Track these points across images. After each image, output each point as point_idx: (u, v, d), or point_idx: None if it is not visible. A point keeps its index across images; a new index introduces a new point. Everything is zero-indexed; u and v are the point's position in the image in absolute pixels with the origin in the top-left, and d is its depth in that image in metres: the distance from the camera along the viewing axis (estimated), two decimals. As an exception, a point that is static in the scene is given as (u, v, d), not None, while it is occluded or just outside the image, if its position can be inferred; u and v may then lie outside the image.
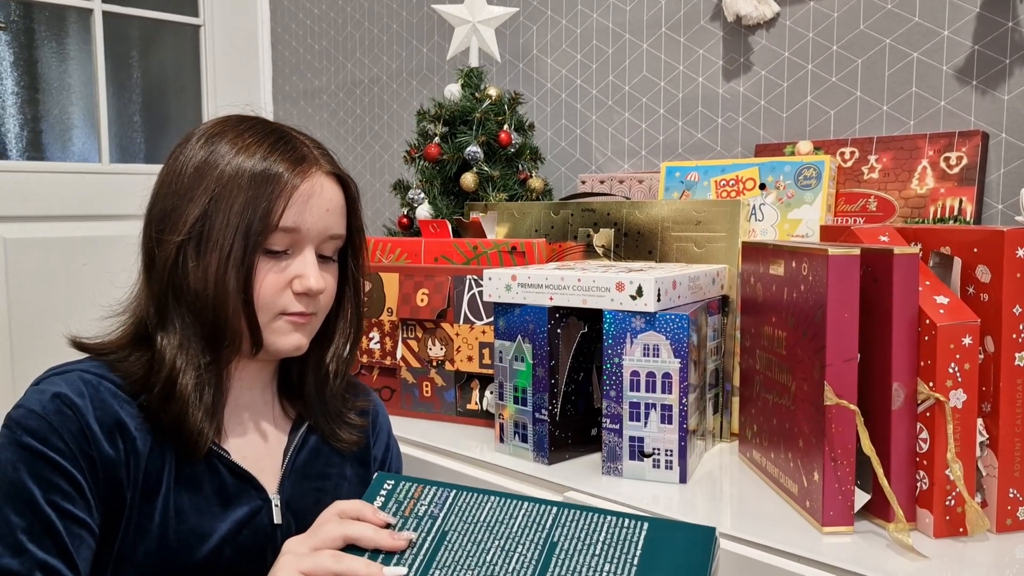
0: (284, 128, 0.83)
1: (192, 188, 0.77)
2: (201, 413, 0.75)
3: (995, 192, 1.19)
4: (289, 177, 0.77)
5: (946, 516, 0.77)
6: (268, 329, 0.79)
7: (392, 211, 2.15)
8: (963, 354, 0.77)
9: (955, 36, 1.22)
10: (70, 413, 0.71)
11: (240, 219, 0.75)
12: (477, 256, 1.24)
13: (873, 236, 0.89)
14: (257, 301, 0.77)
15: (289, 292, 0.79)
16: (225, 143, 0.78)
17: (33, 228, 2.11)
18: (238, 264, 0.75)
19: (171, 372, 0.75)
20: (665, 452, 0.93)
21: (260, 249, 0.76)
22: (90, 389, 0.74)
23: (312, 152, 0.81)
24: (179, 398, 0.74)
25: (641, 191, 1.46)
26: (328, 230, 0.81)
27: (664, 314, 0.91)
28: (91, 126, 2.29)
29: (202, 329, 0.76)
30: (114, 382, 0.75)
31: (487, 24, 1.57)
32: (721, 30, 1.49)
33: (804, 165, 1.18)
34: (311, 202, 0.78)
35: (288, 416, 0.88)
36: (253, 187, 0.76)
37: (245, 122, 0.81)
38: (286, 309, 0.79)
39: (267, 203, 0.76)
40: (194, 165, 0.78)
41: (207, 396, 0.76)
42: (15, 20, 2.17)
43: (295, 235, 0.78)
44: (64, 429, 0.71)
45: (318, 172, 0.80)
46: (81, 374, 0.75)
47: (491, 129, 1.47)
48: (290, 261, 0.79)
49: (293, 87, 2.45)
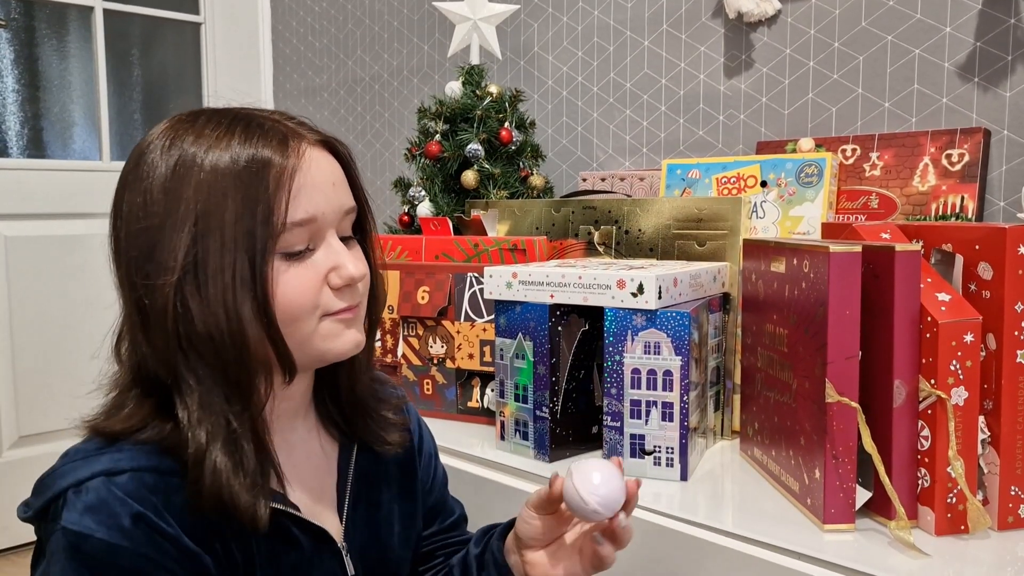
0: (246, 110, 0.69)
1: (169, 213, 0.62)
2: (247, 482, 0.62)
3: (997, 189, 1.19)
4: (280, 161, 0.64)
5: (947, 514, 0.77)
6: (316, 337, 0.66)
7: (393, 209, 2.15)
8: (965, 351, 0.76)
9: (957, 33, 1.22)
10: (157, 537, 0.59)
11: (237, 230, 0.62)
12: (478, 254, 1.24)
13: (875, 233, 0.88)
14: (287, 313, 0.64)
15: (327, 290, 0.66)
16: (188, 145, 0.64)
17: (34, 226, 2.11)
18: (248, 283, 0.62)
19: (197, 445, 0.61)
20: (666, 450, 0.92)
21: (272, 256, 0.63)
22: (158, 494, 0.61)
23: (290, 126, 0.68)
24: (213, 471, 0.61)
25: (642, 189, 1.46)
26: (342, 206, 0.68)
27: (665, 312, 0.91)
28: (92, 124, 2.29)
29: (224, 376, 0.63)
30: (172, 469, 0.62)
31: (488, 21, 1.57)
32: (722, 27, 1.49)
33: (805, 162, 1.18)
34: (315, 182, 0.66)
35: (335, 439, 0.76)
36: (242, 187, 0.63)
37: (199, 116, 0.67)
38: (329, 309, 0.66)
39: (265, 201, 0.63)
40: (161, 184, 0.63)
41: (247, 458, 0.63)
42: (16, 18, 2.17)
43: (312, 226, 0.65)
44: (161, 553, 0.60)
45: (308, 146, 0.67)
46: (141, 475, 0.61)
47: (492, 127, 1.47)
48: (315, 255, 0.66)
49: (294, 85, 2.45)
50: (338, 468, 0.75)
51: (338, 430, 0.76)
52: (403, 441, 0.78)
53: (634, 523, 0.85)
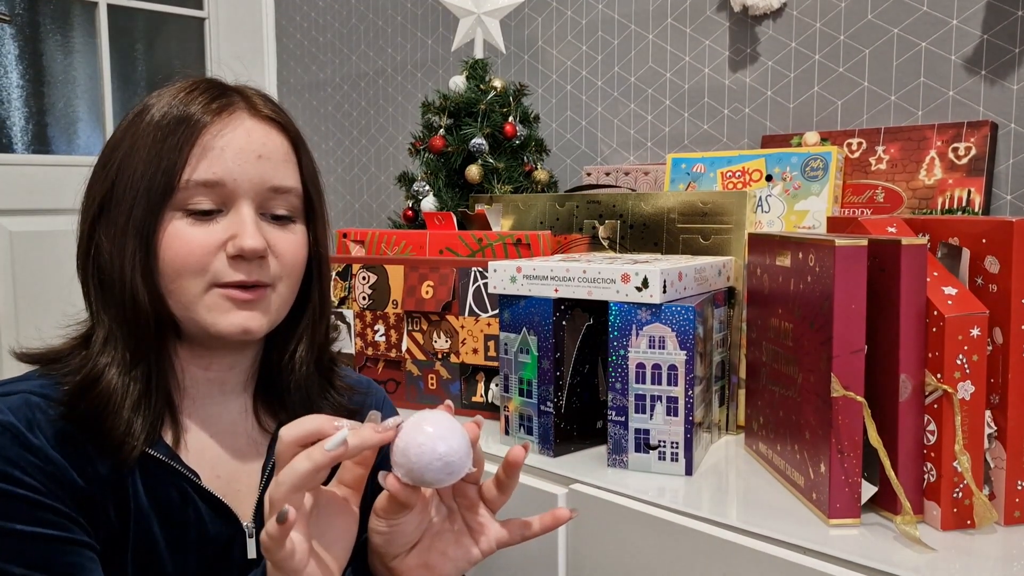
0: (222, 80, 0.71)
1: (108, 155, 0.68)
2: (128, 403, 0.64)
3: (1004, 183, 1.18)
4: (200, 118, 0.65)
5: (954, 508, 0.77)
6: (200, 305, 0.66)
7: (397, 203, 2.14)
8: (971, 345, 0.76)
9: (964, 25, 1.21)
10: (22, 445, 0.62)
11: (143, 176, 0.64)
12: (482, 248, 1.24)
13: (881, 227, 0.88)
14: (171, 268, 0.65)
15: (222, 257, 0.66)
16: (152, 100, 0.68)
17: (38, 221, 2.11)
18: (138, 227, 0.64)
19: (93, 368, 0.65)
20: (671, 444, 0.92)
21: (167, 208, 0.65)
22: (37, 412, 0.64)
23: (241, 94, 0.69)
24: (101, 393, 0.64)
25: (647, 183, 1.45)
26: (266, 181, 0.67)
27: (670, 306, 0.91)
28: (96, 119, 2.29)
29: (119, 312, 0.66)
30: (61, 400, 0.65)
31: (492, 15, 1.56)
32: (727, 20, 1.48)
33: (811, 156, 1.17)
34: (232, 147, 0.66)
35: (267, 428, 0.76)
36: (159, 137, 0.65)
37: (182, 78, 0.70)
38: (219, 278, 0.66)
39: (173, 153, 0.64)
40: (119, 133, 0.68)
41: (136, 385, 0.65)
42: (20, 13, 2.17)
43: (221, 189, 0.66)
44: (24, 462, 0.61)
45: (241, 113, 0.67)
46: (28, 396, 0.64)
47: (496, 121, 1.46)
48: (222, 221, 0.66)
49: (298, 80, 2.45)
50: (267, 454, 0.74)
51: (277, 421, 0.76)
52: None
53: (638, 518, 0.85)
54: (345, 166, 2.30)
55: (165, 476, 0.68)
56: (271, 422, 0.76)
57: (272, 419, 0.76)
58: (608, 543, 0.88)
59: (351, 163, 2.29)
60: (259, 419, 0.75)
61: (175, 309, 0.67)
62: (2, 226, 2.08)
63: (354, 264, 1.27)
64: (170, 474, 0.68)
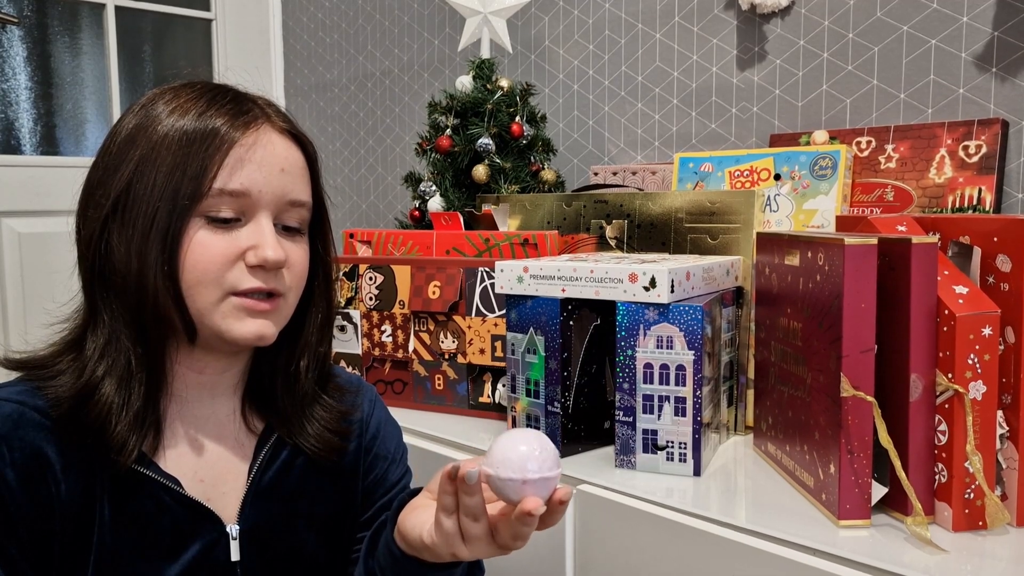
0: (232, 86, 0.72)
1: (121, 156, 0.67)
2: (127, 418, 0.64)
3: (1015, 181, 1.17)
4: (228, 131, 0.66)
5: (965, 509, 0.76)
6: (216, 312, 0.67)
7: (404, 204, 2.14)
8: (983, 345, 0.75)
9: (974, 22, 1.20)
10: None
11: (168, 181, 0.65)
12: (489, 248, 1.23)
13: (890, 226, 0.87)
14: (192, 275, 0.66)
15: (241, 266, 0.67)
16: (161, 104, 0.68)
17: (47, 223, 2.12)
18: (162, 232, 0.64)
19: (92, 375, 0.64)
20: (679, 445, 0.92)
21: (193, 215, 0.65)
22: (8, 425, 0.63)
23: (260, 107, 0.71)
24: (98, 402, 0.64)
25: (654, 182, 1.45)
26: (287, 194, 0.69)
27: (678, 305, 0.91)
28: (104, 121, 2.29)
29: (130, 316, 0.66)
30: (38, 408, 0.64)
31: (498, 15, 1.56)
32: (735, 19, 1.47)
33: (820, 155, 1.16)
34: (260, 160, 0.67)
35: (253, 430, 0.76)
36: (185, 145, 0.65)
37: (190, 84, 0.71)
38: (237, 286, 0.67)
39: (200, 162, 0.65)
40: (126, 133, 0.68)
41: (135, 398, 0.65)
42: (28, 15, 2.18)
43: (244, 200, 0.67)
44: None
45: (267, 127, 0.69)
46: (0, 404, 0.64)
47: (503, 121, 1.46)
48: (242, 230, 0.67)
49: (305, 80, 2.45)
50: (253, 456, 0.75)
51: (265, 423, 0.76)
52: (340, 449, 0.77)
53: (646, 519, 0.85)
54: (352, 166, 2.30)
55: (138, 487, 0.67)
56: (259, 423, 0.76)
57: (260, 420, 0.76)
58: (616, 544, 0.87)
59: (358, 163, 2.29)
60: (247, 420, 0.76)
61: (192, 313, 0.68)
62: (11, 227, 2.09)
63: (361, 264, 1.27)
64: (144, 484, 0.67)
